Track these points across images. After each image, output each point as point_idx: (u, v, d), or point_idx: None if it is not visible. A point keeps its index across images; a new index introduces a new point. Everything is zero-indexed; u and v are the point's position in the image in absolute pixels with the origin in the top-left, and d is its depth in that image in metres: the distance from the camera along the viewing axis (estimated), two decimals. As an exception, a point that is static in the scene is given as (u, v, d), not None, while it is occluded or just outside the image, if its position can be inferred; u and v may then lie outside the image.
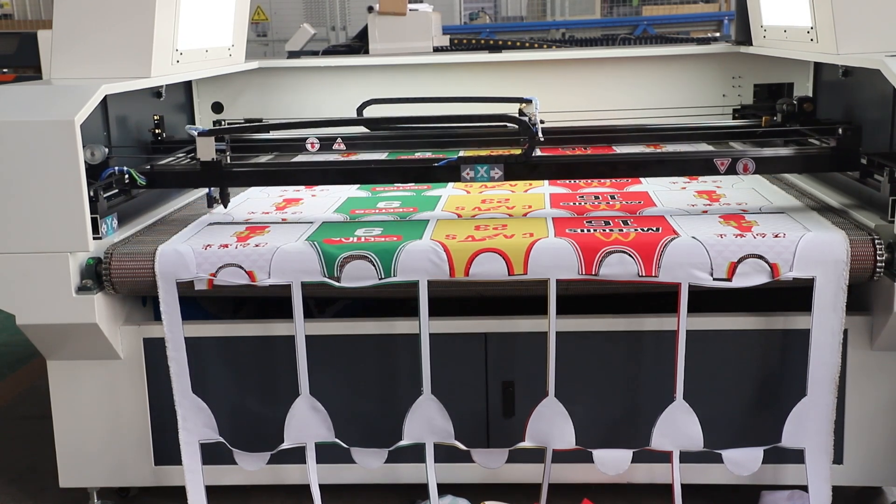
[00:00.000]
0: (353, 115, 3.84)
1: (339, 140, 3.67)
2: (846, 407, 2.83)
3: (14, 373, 4.64)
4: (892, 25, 2.98)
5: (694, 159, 3.13)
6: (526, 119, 3.00)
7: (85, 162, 2.85)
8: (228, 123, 4.20)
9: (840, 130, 2.99)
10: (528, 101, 3.30)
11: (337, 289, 2.75)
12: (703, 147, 4.00)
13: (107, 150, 2.98)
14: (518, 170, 3.03)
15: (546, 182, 3.57)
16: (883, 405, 2.83)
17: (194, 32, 3.61)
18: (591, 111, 4.13)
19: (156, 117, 3.69)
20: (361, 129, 3.96)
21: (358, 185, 3.67)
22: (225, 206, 3.23)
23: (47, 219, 2.72)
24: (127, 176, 3.03)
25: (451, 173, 3.04)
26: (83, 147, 2.83)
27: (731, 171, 2.97)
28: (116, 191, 3.03)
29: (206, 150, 3.01)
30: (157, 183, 3.16)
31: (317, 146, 3.67)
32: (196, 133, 3.02)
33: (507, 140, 3.92)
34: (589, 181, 3.55)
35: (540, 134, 3.02)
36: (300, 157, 4.09)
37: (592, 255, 2.66)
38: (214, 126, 4.13)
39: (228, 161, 3.16)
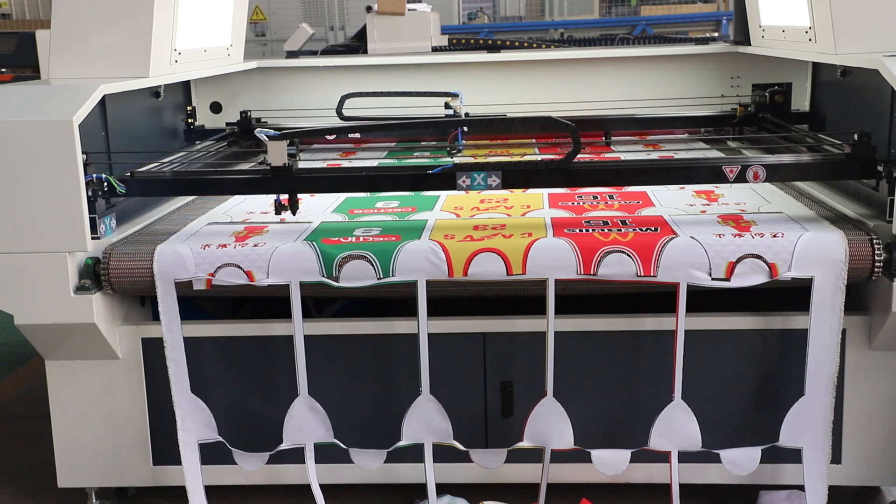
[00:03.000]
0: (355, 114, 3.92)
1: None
2: (844, 407, 2.83)
3: (13, 373, 4.64)
4: (891, 25, 2.98)
5: (702, 166, 3.04)
6: (571, 124, 2.86)
7: None
8: (227, 124, 4.21)
9: (855, 137, 2.84)
10: (455, 96, 3.46)
11: (335, 289, 2.75)
12: (700, 146, 4.02)
13: (85, 156, 2.79)
14: (517, 177, 2.90)
15: (545, 182, 3.57)
16: (881, 405, 2.84)
17: (193, 32, 3.61)
18: (591, 111, 4.13)
19: (189, 108, 4.09)
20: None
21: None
22: (294, 213, 3.00)
23: (46, 219, 2.72)
24: (106, 184, 2.87)
25: (445, 181, 2.89)
26: None
27: (741, 178, 2.83)
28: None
29: (278, 154, 2.85)
30: (137, 191, 3.03)
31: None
32: (267, 137, 2.88)
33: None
34: (587, 181, 3.55)
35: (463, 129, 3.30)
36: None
37: (591, 255, 2.66)
38: (227, 125, 4.23)
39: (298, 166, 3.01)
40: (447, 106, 3.79)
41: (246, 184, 3.04)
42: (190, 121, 4.16)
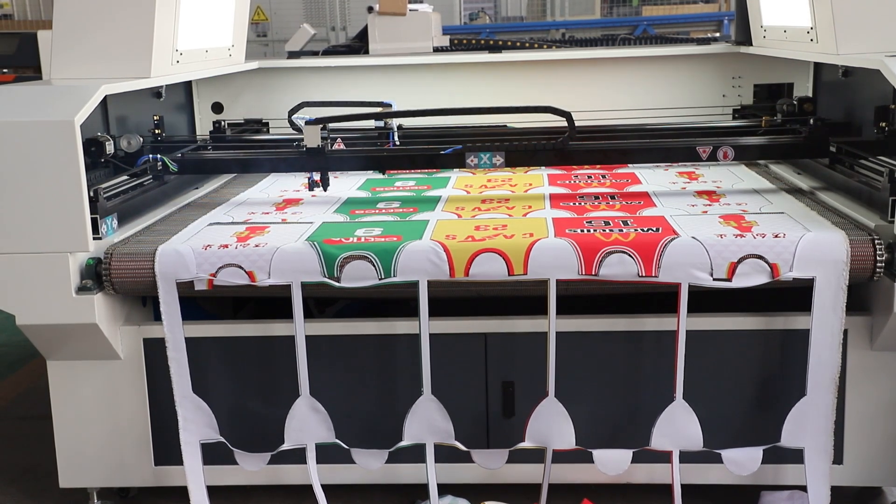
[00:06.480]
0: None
1: (339, 140, 3.71)
2: (846, 407, 2.83)
3: (14, 373, 4.64)
4: (892, 25, 2.98)
5: (678, 147, 3.41)
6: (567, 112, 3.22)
7: (122, 150, 3.24)
8: (228, 124, 4.21)
9: (811, 121, 3.43)
10: (389, 105, 3.72)
11: (337, 289, 2.75)
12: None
13: (142, 139, 3.32)
14: (518, 157, 3.31)
15: (546, 182, 3.58)
16: (883, 405, 2.83)
17: (194, 32, 3.61)
18: (592, 111, 4.13)
19: (155, 118, 3.71)
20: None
21: (358, 186, 3.68)
22: (325, 189, 3.39)
23: (47, 219, 2.72)
24: (160, 163, 3.31)
25: (456, 160, 3.30)
26: (120, 136, 3.22)
27: (713, 157, 3.27)
28: (151, 177, 3.33)
29: (313, 137, 3.26)
30: (188, 169, 3.44)
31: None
32: (304, 122, 3.30)
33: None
34: (588, 181, 3.57)
35: (396, 138, 3.67)
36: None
37: (592, 255, 2.66)
38: (214, 125, 4.17)
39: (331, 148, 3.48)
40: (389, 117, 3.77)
41: (286, 162, 3.45)
42: (157, 131, 3.69)
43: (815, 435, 2.73)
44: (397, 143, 3.69)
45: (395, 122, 3.73)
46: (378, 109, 3.71)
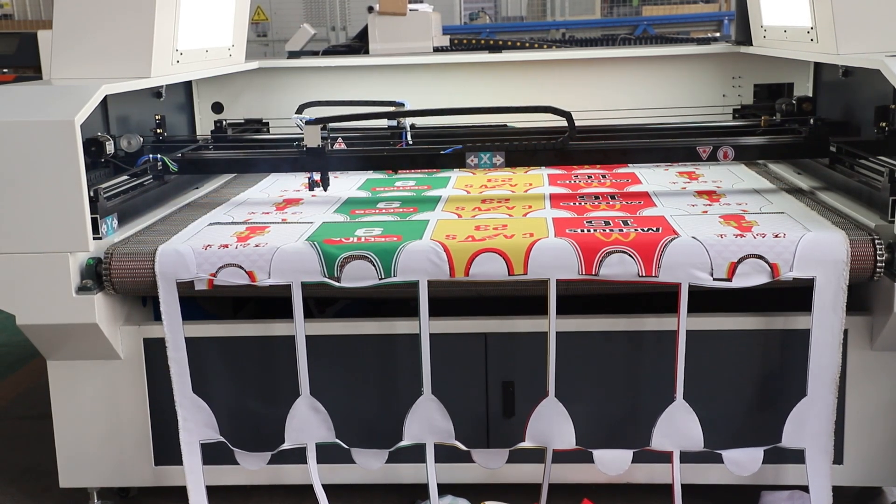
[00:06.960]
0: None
1: (339, 140, 3.71)
2: (846, 407, 2.83)
3: (14, 373, 4.64)
4: (893, 25, 2.98)
5: (678, 147, 3.40)
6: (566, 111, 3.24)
7: (122, 150, 3.25)
8: (228, 124, 4.21)
9: (811, 121, 3.46)
10: (402, 105, 3.69)
11: (337, 289, 2.75)
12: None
13: (142, 139, 3.34)
14: (518, 156, 3.32)
15: (546, 182, 3.58)
16: (883, 405, 2.83)
17: (194, 32, 3.61)
18: (592, 111, 4.13)
19: (157, 117, 3.71)
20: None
21: (358, 186, 3.68)
22: (325, 189, 3.38)
23: (47, 219, 2.72)
24: (160, 163, 3.31)
25: (456, 160, 3.31)
26: (120, 136, 3.22)
27: (713, 157, 3.28)
28: (151, 177, 3.33)
29: (313, 137, 3.27)
30: (188, 169, 3.44)
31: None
32: (304, 122, 3.31)
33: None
34: (589, 181, 3.57)
35: (409, 138, 3.59)
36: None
37: (592, 255, 2.66)
38: (214, 125, 4.16)
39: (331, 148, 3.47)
40: (391, 117, 3.71)
41: (286, 162, 3.44)
42: (159, 131, 3.69)
43: (815, 435, 2.73)
44: (410, 142, 3.66)
45: (407, 121, 3.71)
46: (390, 109, 3.67)
